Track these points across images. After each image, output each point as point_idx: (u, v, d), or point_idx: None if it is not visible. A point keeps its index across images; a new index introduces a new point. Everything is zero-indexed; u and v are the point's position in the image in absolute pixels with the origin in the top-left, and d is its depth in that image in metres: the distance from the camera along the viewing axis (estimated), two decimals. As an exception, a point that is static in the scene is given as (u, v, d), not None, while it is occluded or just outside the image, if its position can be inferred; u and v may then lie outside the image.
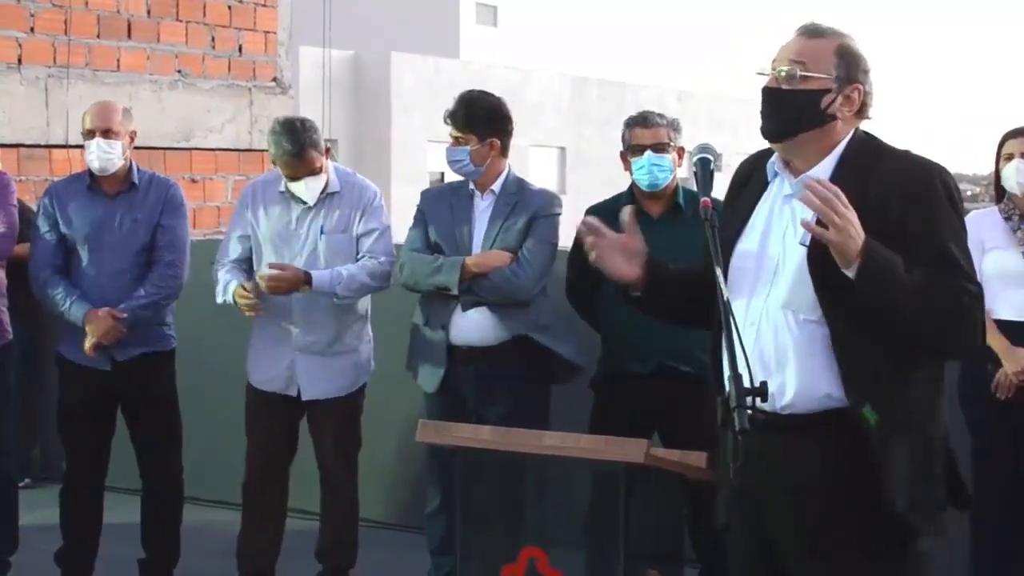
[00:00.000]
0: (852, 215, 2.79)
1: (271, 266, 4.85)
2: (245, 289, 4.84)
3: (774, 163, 3.11)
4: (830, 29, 3.07)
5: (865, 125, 3.11)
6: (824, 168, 3.01)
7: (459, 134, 4.84)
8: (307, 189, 4.89)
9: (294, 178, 4.87)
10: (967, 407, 4.83)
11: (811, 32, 3.06)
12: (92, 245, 4.99)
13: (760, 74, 3.08)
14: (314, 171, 4.87)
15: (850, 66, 3.02)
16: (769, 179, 3.12)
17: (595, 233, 3.15)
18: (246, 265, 5.02)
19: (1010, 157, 4.84)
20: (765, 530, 3.03)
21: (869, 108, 3.08)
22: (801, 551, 2.99)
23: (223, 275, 4.98)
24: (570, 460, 3.55)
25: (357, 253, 4.95)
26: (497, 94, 5.07)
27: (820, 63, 3.01)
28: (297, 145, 4.80)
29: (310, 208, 4.93)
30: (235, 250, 5.03)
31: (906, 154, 3.04)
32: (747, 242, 3.08)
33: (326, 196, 4.94)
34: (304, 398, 4.96)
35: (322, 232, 4.92)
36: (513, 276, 4.76)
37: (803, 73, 3.00)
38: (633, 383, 4.74)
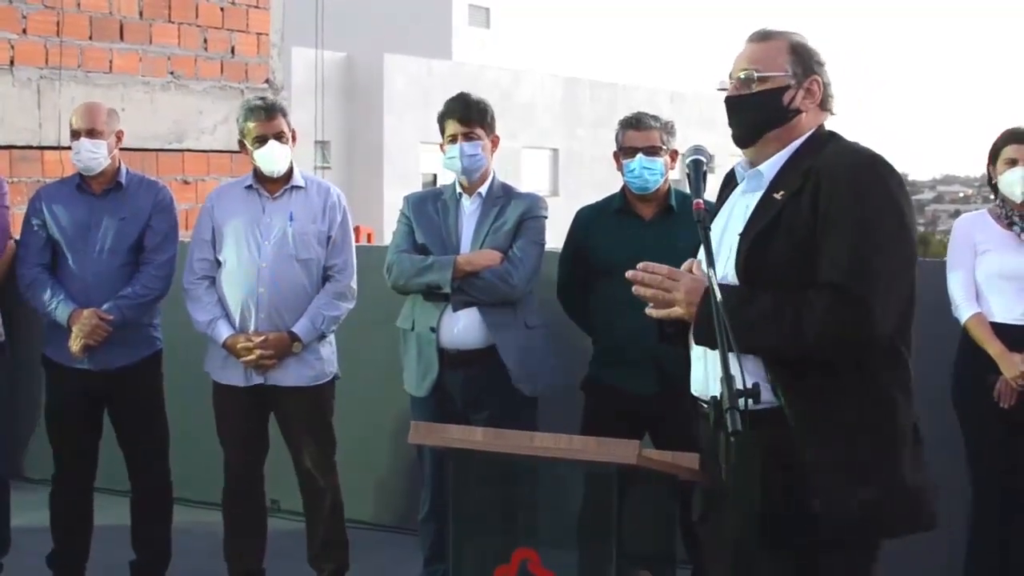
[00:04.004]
0: (681, 282, 2.98)
1: (250, 340, 4.85)
2: (249, 340, 4.86)
3: (740, 163, 3.21)
4: (779, 31, 3.18)
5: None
6: (774, 163, 3.11)
7: (469, 130, 4.84)
8: (272, 156, 4.90)
9: (263, 138, 4.89)
10: (959, 407, 4.83)
11: (761, 36, 3.17)
12: (77, 244, 5.00)
13: (721, 89, 3.19)
14: (281, 136, 4.91)
15: (805, 60, 3.12)
16: (739, 179, 3.21)
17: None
18: (212, 281, 5.01)
19: (1013, 163, 4.80)
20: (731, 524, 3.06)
21: (831, 101, 3.17)
22: (756, 543, 3.02)
23: (204, 309, 4.97)
24: (562, 461, 3.54)
25: (325, 258, 4.97)
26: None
27: (775, 63, 3.11)
28: (268, 103, 4.96)
29: (276, 198, 4.96)
30: (202, 267, 5.01)
31: (850, 145, 3.10)
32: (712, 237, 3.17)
33: (292, 189, 4.99)
34: (268, 382, 4.94)
35: (291, 219, 4.94)
36: (506, 275, 4.77)
37: (760, 75, 3.10)
38: (627, 394, 4.74)
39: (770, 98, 3.10)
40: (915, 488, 3.03)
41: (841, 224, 2.93)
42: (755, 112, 3.13)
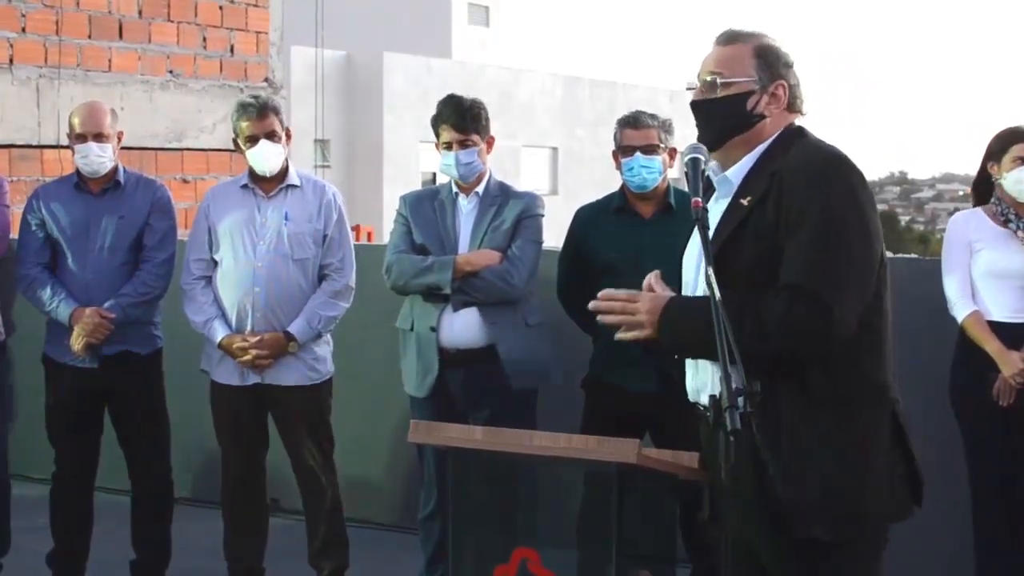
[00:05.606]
0: (641, 303, 3.01)
1: (246, 340, 4.85)
2: (245, 340, 4.86)
3: (712, 168, 3.20)
4: (746, 33, 3.17)
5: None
6: (742, 166, 3.12)
7: (464, 137, 4.84)
8: (263, 155, 4.90)
9: (254, 138, 4.90)
10: (958, 406, 4.83)
11: (727, 39, 3.16)
12: (77, 243, 5.00)
13: (689, 88, 3.19)
14: (272, 136, 4.91)
15: (770, 64, 3.12)
16: (715, 183, 3.21)
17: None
18: (208, 281, 5.00)
19: (1022, 161, 4.77)
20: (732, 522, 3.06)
21: (799, 102, 3.17)
22: (756, 543, 3.03)
23: (200, 310, 4.96)
24: (562, 460, 3.54)
25: (321, 257, 4.97)
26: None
27: (739, 67, 3.11)
28: (260, 102, 4.95)
29: (272, 198, 4.96)
30: (198, 267, 5.01)
31: (815, 144, 3.09)
32: (691, 243, 3.22)
33: (287, 188, 4.99)
34: (265, 382, 4.93)
35: (286, 219, 4.94)
36: (506, 274, 4.77)
37: (723, 81, 3.10)
38: (627, 393, 4.73)
39: (733, 104, 3.10)
40: (881, 490, 3.02)
41: (800, 225, 2.94)
42: (719, 117, 3.13)
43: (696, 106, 3.17)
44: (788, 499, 2.91)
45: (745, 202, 3.03)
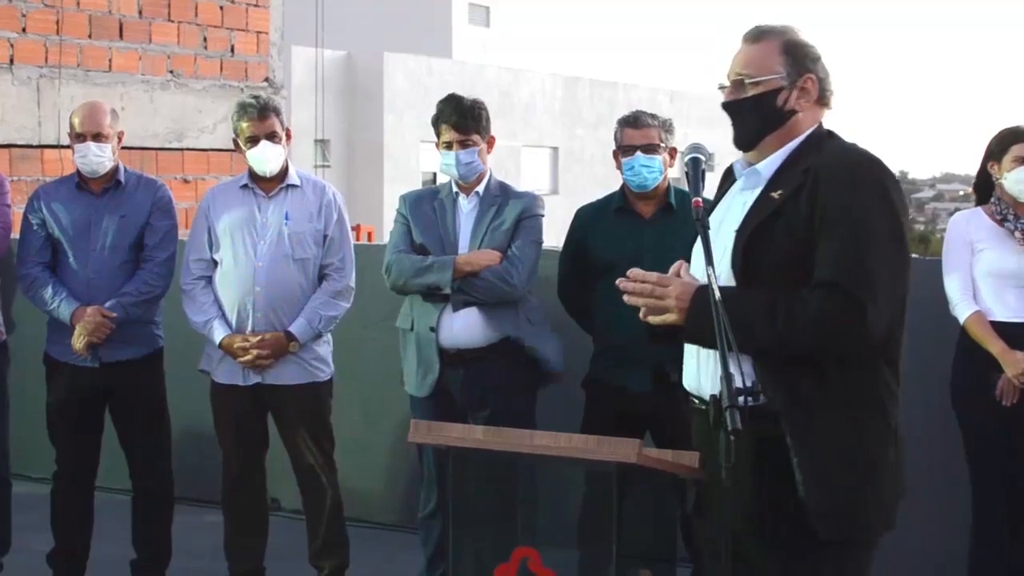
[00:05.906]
0: (671, 287, 2.98)
1: (247, 340, 4.86)
2: (246, 340, 4.86)
3: (739, 160, 3.23)
4: (772, 28, 3.17)
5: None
6: (772, 162, 3.12)
7: (464, 137, 4.84)
8: (263, 156, 4.91)
9: (255, 139, 4.90)
10: (959, 406, 4.83)
11: (754, 37, 3.17)
12: (78, 243, 5.00)
13: (721, 88, 3.20)
14: (273, 136, 4.92)
15: (797, 59, 3.13)
16: (736, 176, 3.22)
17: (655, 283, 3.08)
18: (208, 281, 5.01)
19: (1021, 161, 4.78)
20: (727, 519, 3.06)
21: (829, 94, 3.17)
22: (751, 539, 3.03)
23: (200, 310, 4.96)
24: (562, 460, 3.55)
25: (322, 257, 4.97)
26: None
27: (766, 65, 3.11)
28: (261, 103, 4.96)
29: (272, 198, 4.96)
30: (198, 267, 5.00)
31: (848, 145, 3.10)
32: (698, 241, 3.16)
33: (287, 188, 4.99)
34: (266, 381, 4.93)
35: (286, 219, 4.94)
36: (506, 274, 4.77)
37: (751, 80, 3.11)
38: (628, 393, 4.73)
39: (764, 102, 3.11)
40: (889, 494, 3.04)
41: (836, 224, 2.94)
42: (751, 116, 3.14)
43: (727, 107, 3.18)
44: (810, 499, 2.91)
45: (776, 195, 3.03)
